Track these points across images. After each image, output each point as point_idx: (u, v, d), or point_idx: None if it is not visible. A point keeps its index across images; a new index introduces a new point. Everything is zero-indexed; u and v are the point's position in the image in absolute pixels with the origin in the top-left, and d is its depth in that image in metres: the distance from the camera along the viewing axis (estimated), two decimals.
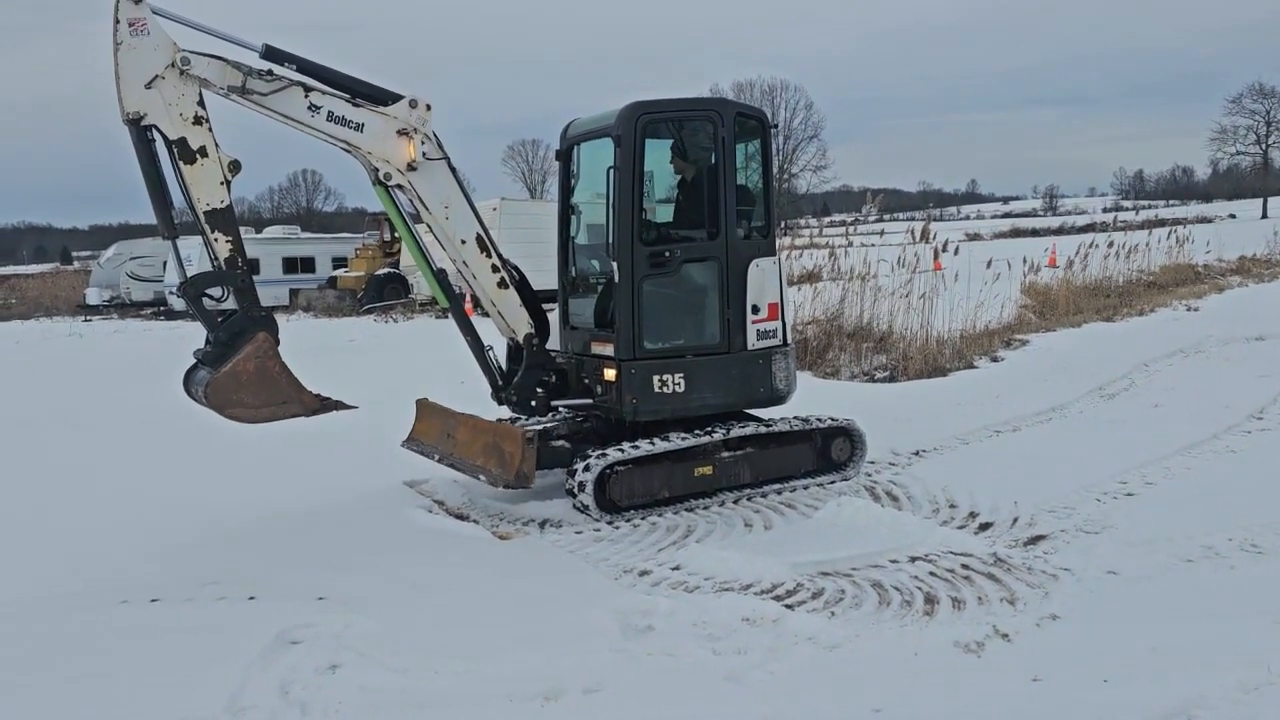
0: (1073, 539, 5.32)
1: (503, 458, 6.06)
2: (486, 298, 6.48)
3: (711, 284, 6.47)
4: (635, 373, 6.20)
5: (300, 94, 5.67)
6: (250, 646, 4.13)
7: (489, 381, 6.77)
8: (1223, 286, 19.06)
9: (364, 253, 31.45)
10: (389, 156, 5.96)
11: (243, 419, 5.55)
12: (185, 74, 5.34)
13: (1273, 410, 8.33)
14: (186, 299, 5.64)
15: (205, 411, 5.65)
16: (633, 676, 3.85)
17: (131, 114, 5.30)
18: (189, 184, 5.46)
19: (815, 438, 6.88)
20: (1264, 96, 73.20)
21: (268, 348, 5.53)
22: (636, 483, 6.21)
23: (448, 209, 6.20)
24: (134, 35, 5.25)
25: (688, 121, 6.65)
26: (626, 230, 6.16)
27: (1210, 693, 3.44)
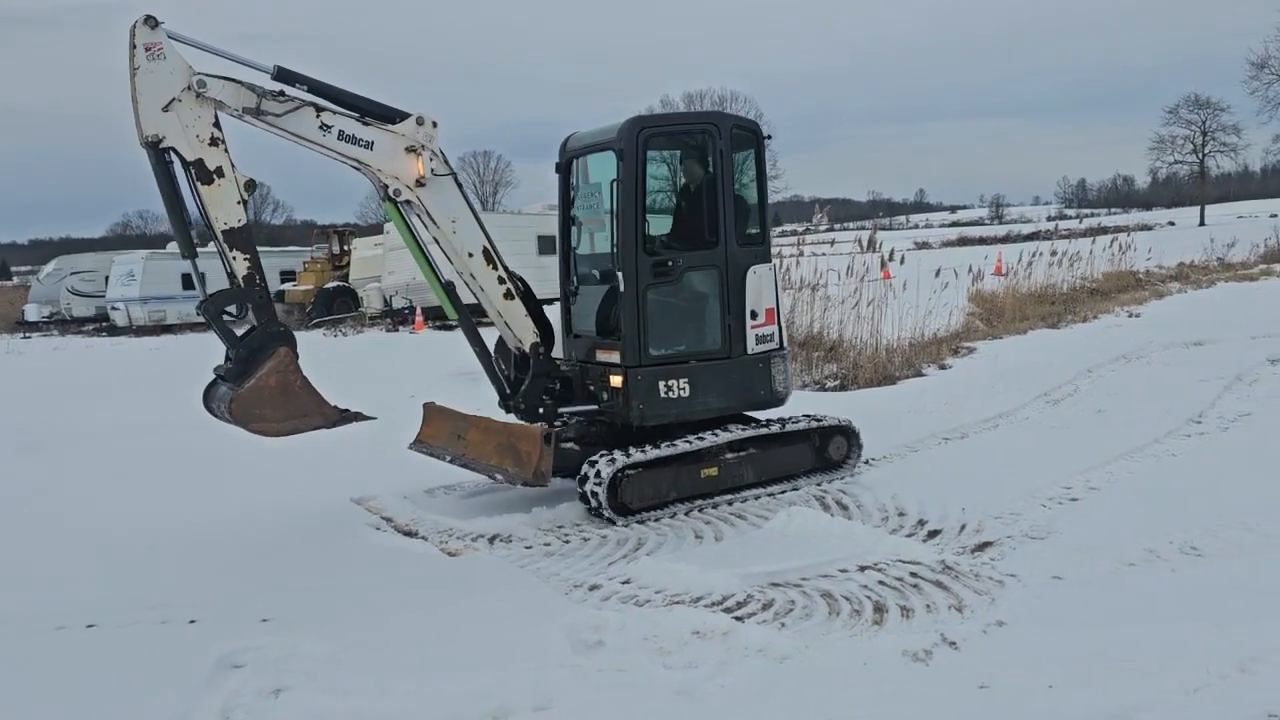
0: (1019, 545, 5.38)
1: (519, 457, 6.14)
2: (494, 308, 6.63)
3: (712, 291, 6.67)
4: (641, 379, 6.38)
5: (312, 114, 5.80)
6: (192, 672, 4.04)
7: (497, 390, 6.89)
8: (1163, 293, 19.48)
9: (312, 266, 31.08)
10: (398, 173, 6.12)
11: (267, 433, 5.66)
12: (201, 96, 5.46)
13: (1211, 414, 8.52)
14: (207, 316, 5.72)
15: (146, 431, 5.55)
16: (583, 693, 3.81)
17: (150, 137, 5.40)
18: (206, 204, 5.56)
19: (814, 437, 7.07)
20: (1199, 107, 75.10)
21: (289, 362, 5.63)
22: (646, 485, 6.35)
23: (455, 223, 6.36)
24: (150, 60, 5.36)
25: (687, 134, 6.86)
26: (630, 240, 6.32)
27: (1151, 696, 3.49)
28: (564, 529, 6.18)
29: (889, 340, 12.18)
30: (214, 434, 9.91)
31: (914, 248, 44.70)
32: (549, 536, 6.04)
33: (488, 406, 7.08)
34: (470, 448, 6.63)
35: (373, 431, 9.69)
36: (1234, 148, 75.68)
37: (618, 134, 6.40)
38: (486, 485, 7.34)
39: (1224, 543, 5.16)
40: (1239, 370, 10.37)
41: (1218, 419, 8.34)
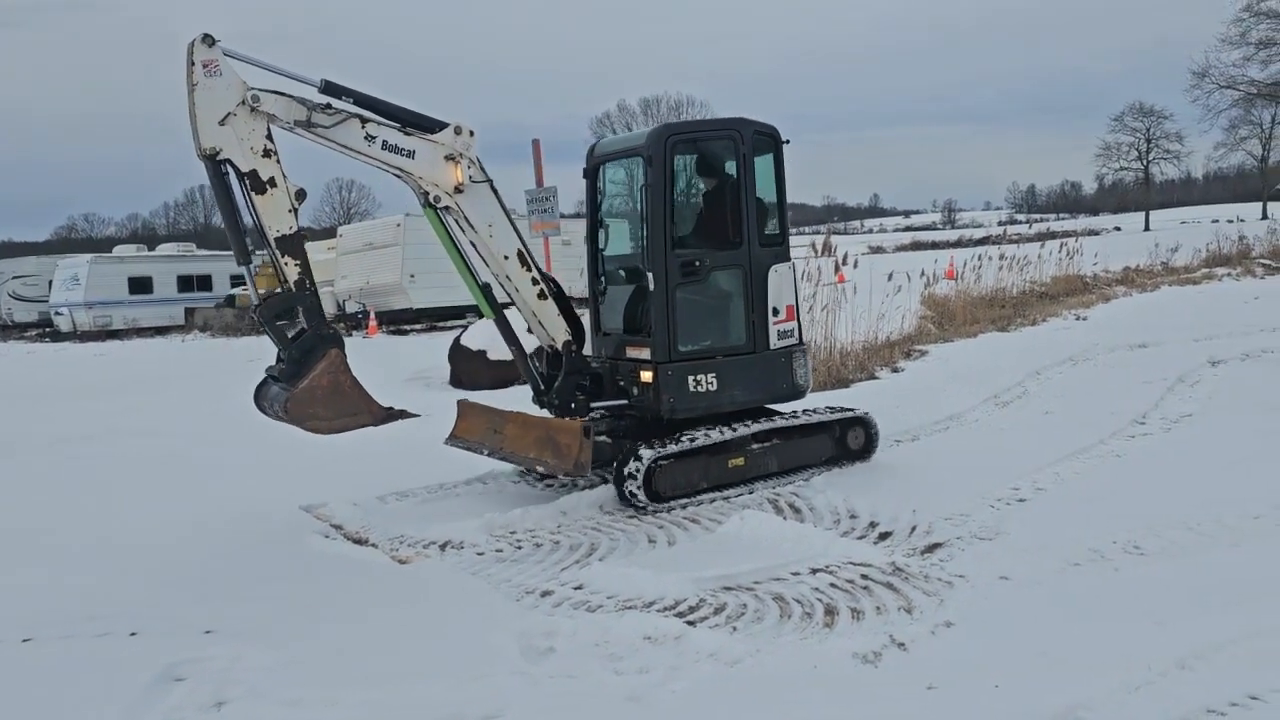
0: (968, 546, 5.44)
1: (559, 449, 6.40)
2: (528, 309, 6.89)
3: (737, 290, 6.98)
4: (672, 374, 6.67)
5: (358, 125, 6.09)
6: (131, 686, 3.94)
7: (532, 387, 7.17)
8: (1109, 296, 19.84)
9: (265, 270, 30.58)
10: (438, 180, 6.41)
11: (320, 430, 5.86)
12: (255, 111, 5.72)
13: (1155, 415, 8.69)
14: (261, 320, 5.93)
15: (84, 438, 5.41)
16: (533, 700, 3.78)
17: (208, 150, 5.66)
18: (260, 213, 5.81)
19: (834, 428, 7.39)
20: (1144, 115, 76.87)
21: (340, 363, 5.85)
22: (679, 475, 6.64)
23: (491, 228, 6.63)
24: (208, 76, 5.63)
25: (712, 140, 7.11)
26: (660, 242, 6.62)
27: (1095, 694, 3.54)
28: (516, 535, 6.14)
29: (843, 343, 12.28)
30: (158, 442, 9.76)
31: (868, 252, 45.17)
32: (501, 543, 5.99)
33: (443, 411, 7.03)
34: (508, 441, 6.87)
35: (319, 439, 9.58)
36: (1177, 155, 77.66)
37: (646, 141, 6.74)
38: (439, 493, 7.28)
39: (1166, 542, 5.26)
40: (1181, 372, 10.59)
41: (1161, 420, 8.51)
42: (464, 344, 13.13)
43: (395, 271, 22.80)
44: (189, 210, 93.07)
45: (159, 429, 10.50)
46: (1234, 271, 23.97)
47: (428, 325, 24.35)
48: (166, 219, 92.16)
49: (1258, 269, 24.38)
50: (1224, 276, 23.24)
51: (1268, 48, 38.79)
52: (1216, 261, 26.09)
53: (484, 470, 7.66)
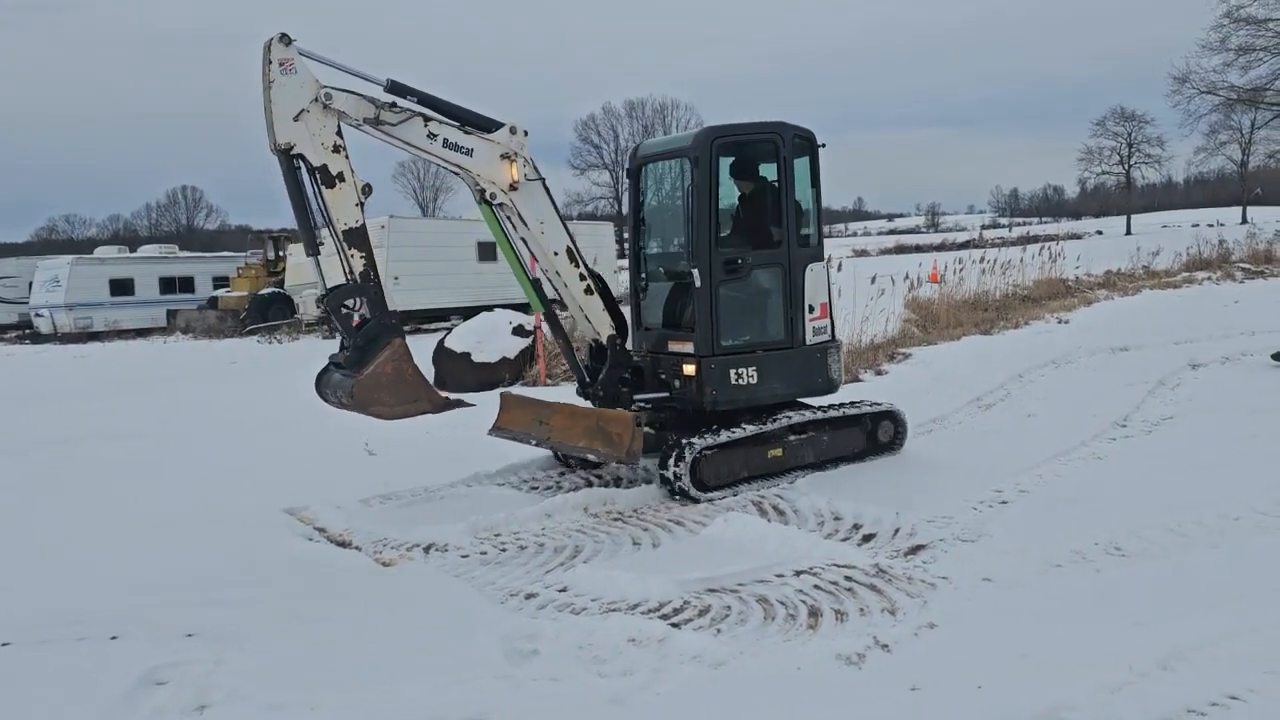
0: (950, 548, 5.46)
1: (609, 438, 6.63)
2: (575, 303, 7.20)
3: (775, 287, 7.24)
4: (715, 367, 6.93)
5: (421, 123, 6.34)
6: (111, 690, 3.90)
7: (578, 379, 7.51)
8: (1091, 300, 19.98)
9: (247, 272, 30.49)
10: (494, 178, 6.67)
11: (382, 416, 6.08)
12: (327, 108, 5.94)
13: (1135, 418, 8.75)
14: (328, 309, 6.15)
15: (64, 440, 5.35)
16: (516, 703, 3.77)
17: (282, 145, 5.86)
18: (329, 206, 6.01)
19: (866, 421, 7.64)
20: (1125, 120, 77.49)
21: (403, 352, 6.08)
22: (722, 465, 6.86)
23: (543, 224, 6.93)
24: (284, 74, 5.84)
25: (754, 143, 7.29)
26: (705, 240, 6.88)
27: (1076, 694, 3.55)
28: (501, 537, 6.13)
29: None
30: (139, 445, 9.70)
31: (852, 255, 45.39)
32: (485, 545, 5.98)
33: None
34: (555, 432, 7.13)
35: (307, 441, 9.54)
36: (1158, 159, 78.35)
37: (692, 142, 6.99)
38: (423, 495, 7.25)
39: (1147, 543, 5.30)
40: (1162, 375, 10.67)
41: (1142, 423, 8.57)
42: (448, 346, 13.10)
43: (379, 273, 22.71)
44: (171, 211, 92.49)
45: (140, 431, 10.43)
46: (1214, 275, 24.20)
47: (412, 327, 24.27)
48: (148, 220, 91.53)
49: (1237, 273, 24.61)
50: (1204, 280, 23.45)
51: (1247, 54, 39.13)
52: (1197, 265, 26.33)
53: (468, 473, 7.64)
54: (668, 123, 73.08)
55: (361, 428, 7.15)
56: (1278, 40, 38.55)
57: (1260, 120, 48.66)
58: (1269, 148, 48.88)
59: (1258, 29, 38.48)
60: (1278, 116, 43.21)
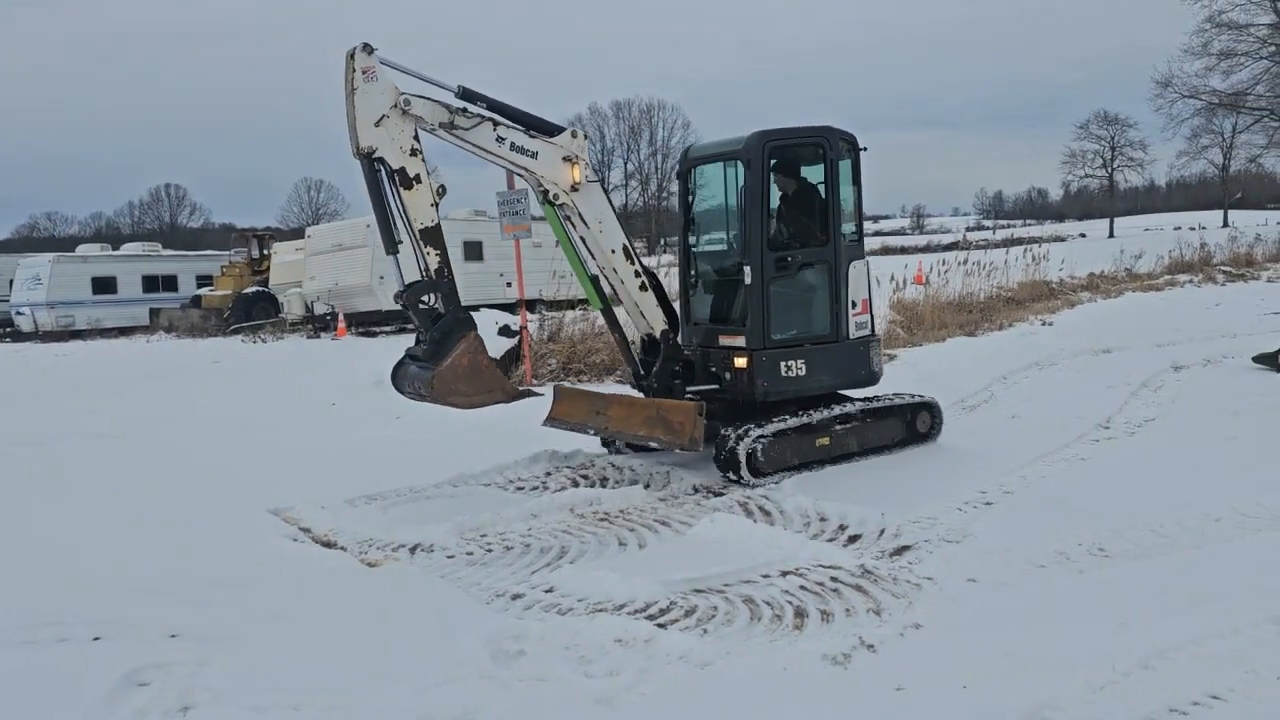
0: (935, 548, 5.48)
1: (671, 427, 6.91)
2: (631, 299, 7.54)
3: (822, 284, 7.57)
4: (765, 360, 7.26)
5: (490, 128, 6.68)
6: (93, 691, 3.87)
7: (632, 371, 7.87)
8: (1074, 302, 20.13)
9: (230, 270, 30.31)
10: (556, 179, 7.01)
11: (460, 406, 6.38)
12: (406, 113, 6.27)
13: (1119, 419, 8.81)
14: (405, 305, 6.46)
15: (46, 439, 5.31)
16: (503, 704, 3.76)
17: (365, 148, 6.21)
18: (406, 206, 6.34)
19: (906, 413, 7.97)
20: (1108, 123, 78.04)
21: (479, 344, 6.37)
22: (774, 452, 7.14)
23: (601, 224, 7.25)
24: (366, 81, 6.16)
25: (803, 145, 7.62)
26: (756, 239, 7.22)
27: (1061, 694, 3.57)
28: (486, 538, 6.11)
29: None
30: (121, 444, 9.63)
31: None
32: (471, 545, 5.97)
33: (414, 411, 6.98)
34: (614, 421, 7.42)
35: (292, 441, 9.50)
36: (1141, 163, 78.85)
37: (745, 145, 7.28)
38: (408, 496, 7.23)
39: (1130, 544, 5.33)
40: (1145, 377, 10.75)
41: (1125, 424, 8.63)
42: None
43: (364, 273, 22.63)
44: (154, 209, 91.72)
45: (122, 431, 10.36)
46: (1195, 278, 24.41)
47: (397, 327, 24.19)
48: (131, 218, 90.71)
49: (1219, 276, 24.83)
50: (1186, 283, 23.66)
51: (1229, 58, 39.53)
52: (1179, 268, 26.56)
53: (454, 473, 7.62)
54: (654, 124, 73.23)
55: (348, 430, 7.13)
56: (1259, 45, 38.98)
57: (1241, 125, 49.10)
58: (1250, 152, 49.32)
59: (1239, 34, 38.89)
60: (1259, 121, 43.62)
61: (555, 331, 13.88)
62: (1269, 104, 40.96)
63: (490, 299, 19.55)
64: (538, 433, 8.56)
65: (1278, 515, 5.65)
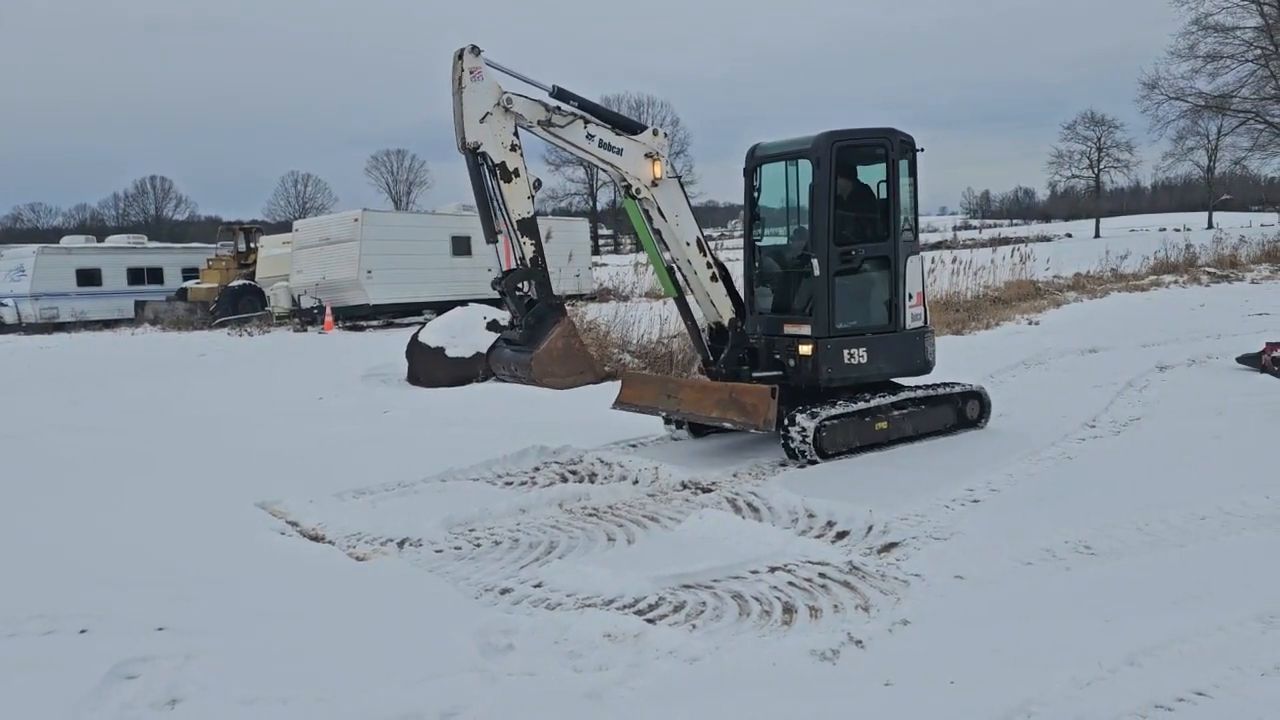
0: (923, 545, 5.50)
1: (744, 409, 7.21)
2: (702, 289, 7.95)
3: (881, 277, 7.99)
4: (830, 347, 7.67)
5: (582, 126, 7.15)
6: (81, 684, 3.85)
7: (702, 357, 8.26)
8: (1060, 301, 20.20)
9: (217, 263, 30.17)
10: (639, 175, 7.43)
11: (555, 386, 6.87)
12: (508, 111, 6.67)
13: (1104, 418, 8.85)
14: (503, 291, 6.89)
15: (30, 433, 5.28)
16: (492, 698, 3.76)
17: (470, 144, 6.60)
18: (506, 199, 6.72)
19: (957, 400, 8.38)
20: (1095, 124, 78.36)
21: (572, 329, 6.85)
22: (838, 434, 7.56)
23: (678, 217, 7.68)
24: (473, 81, 6.54)
25: (867, 146, 7.98)
26: (824, 234, 7.61)
27: (1047, 690, 3.60)
28: (475, 532, 6.11)
29: None
30: (107, 438, 9.57)
31: None
32: (460, 540, 5.96)
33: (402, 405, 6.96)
34: (686, 404, 7.78)
35: (279, 434, 9.46)
36: (1127, 164, 79.24)
37: (814, 145, 7.66)
38: (397, 490, 7.21)
39: (1115, 542, 5.36)
40: (1130, 376, 10.81)
41: (1110, 423, 8.68)
42: (422, 340, 13.03)
43: (352, 267, 22.55)
44: (139, 201, 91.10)
45: (108, 424, 10.30)
46: (1180, 279, 24.53)
47: (385, 321, 24.13)
48: (116, 210, 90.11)
49: (1203, 277, 24.96)
50: (1171, 284, 23.78)
51: (1215, 60, 39.74)
52: (1164, 269, 26.68)
53: (442, 468, 7.61)
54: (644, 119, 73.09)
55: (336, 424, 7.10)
56: (1245, 48, 39.21)
57: (1227, 127, 49.35)
58: (1235, 154, 49.61)
59: (1225, 36, 39.11)
60: (1244, 124, 43.84)
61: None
62: (1254, 106, 41.21)
63: (478, 294, 19.51)
64: (525, 427, 8.59)
65: (1262, 514, 5.71)
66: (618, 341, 12.87)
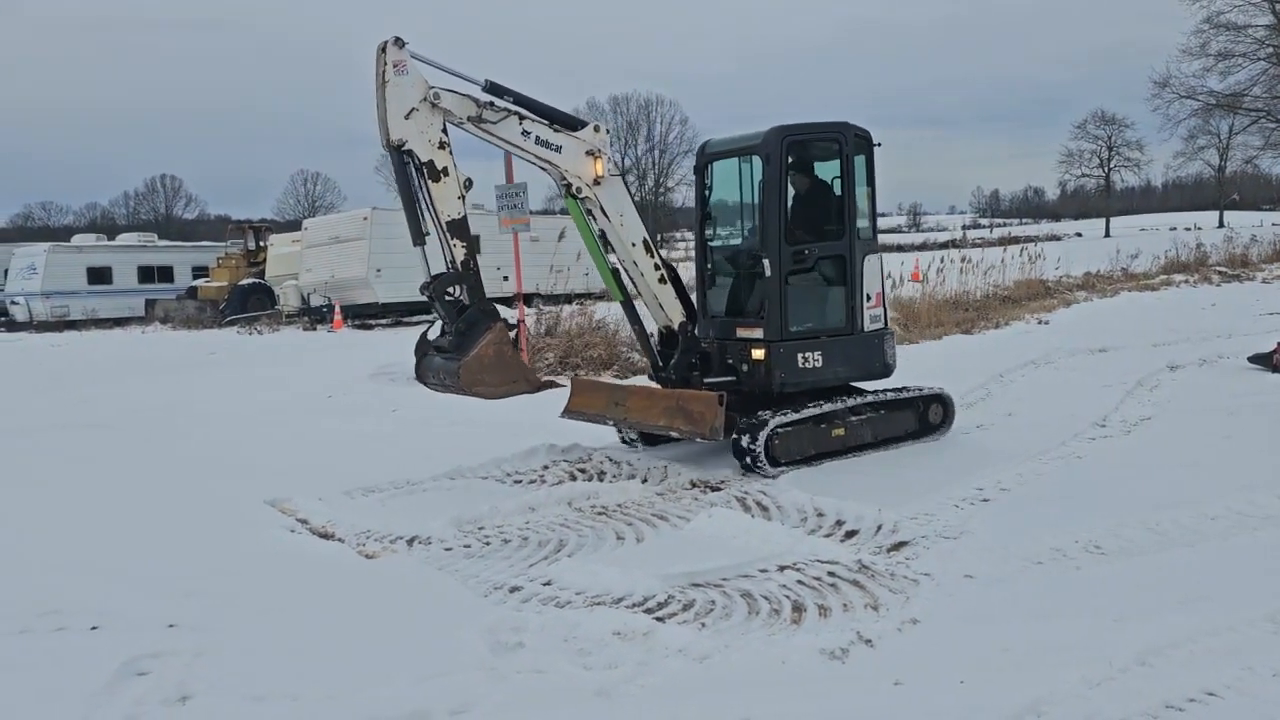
0: (933, 545, 5.49)
1: (691, 417, 6.95)
2: (650, 291, 7.61)
3: (837, 277, 7.66)
4: (783, 351, 7.33)
5: (516, 122, 6.77)
6: (92, 680, 3.87)
7: (650, 363, 7.94)
8: (1070, 301, 20.14)
9: (226, 262, 30.27)
10: (580, 173, 7.09)
11: (486, 396, 6.42)
12: (435, 107, 6.36)
13: (1114, 418, 8.82)
14: (431, 296, 6.53)
15: (41, 430, 5.30)
16: (501, 695, 3.77)
17: (395, 141, 6.31)
18: (434, 199, 6.41)
19: (919, 404, 8.05)
20: (1105, 123, 78.15)
21: (504, 335, 6.44)
22: (792, 442, 7.25)
23: (622, 217, 7.34)
24: (397, 75, 6.24)
25: (819, 141, 7.68)
26: (775, 233, 7.29)
27: (1057, 690, 3.59)
28: (485, 530, 6.12)
29: None
30: (118, 435, 9.61)
31: None
32: (469, 538, 5.97)
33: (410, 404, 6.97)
34: (633, 412, 7.48)
35: (289, 432, 9.49)
36: (1137, 163, 78.97)
37: (763, 140, 7.34)
38: (406, 488, 7.23)
39: (1125, 541, 5.35)
40: (1141, 376, 10.77)
41: (1121, 423, 8.64)
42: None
43: (361, 265, 22.60)
44: (150, 200, 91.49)
45: (118, 421, 10.34)
46: (1191, 278, 24.43)
47: (393, 320, 24.18)
48: (127, 208, 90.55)
49: (1214, 276, 24.86)
50: (1182, 283, 23.68)
51: (1227, 59, 39.55)
52: (1175, 268, 26.58)
53: (451, 466, 7.62)
54: (652, 119, 73.14)
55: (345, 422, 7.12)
56: (1257, 46, 39.01)
57: (1238, 126, 49.03)
58: (1246, 153, 49.31)
59: (1237, 35, 38.93)
60: (1255, 122, 43.62)
61: (553, 325, 13.90)
62: (1266, 105, 41.02)
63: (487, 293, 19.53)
64: (534, 425, 8.57)
65: (1273, 514, 5.68)
66: (626, 340, 12.87)
